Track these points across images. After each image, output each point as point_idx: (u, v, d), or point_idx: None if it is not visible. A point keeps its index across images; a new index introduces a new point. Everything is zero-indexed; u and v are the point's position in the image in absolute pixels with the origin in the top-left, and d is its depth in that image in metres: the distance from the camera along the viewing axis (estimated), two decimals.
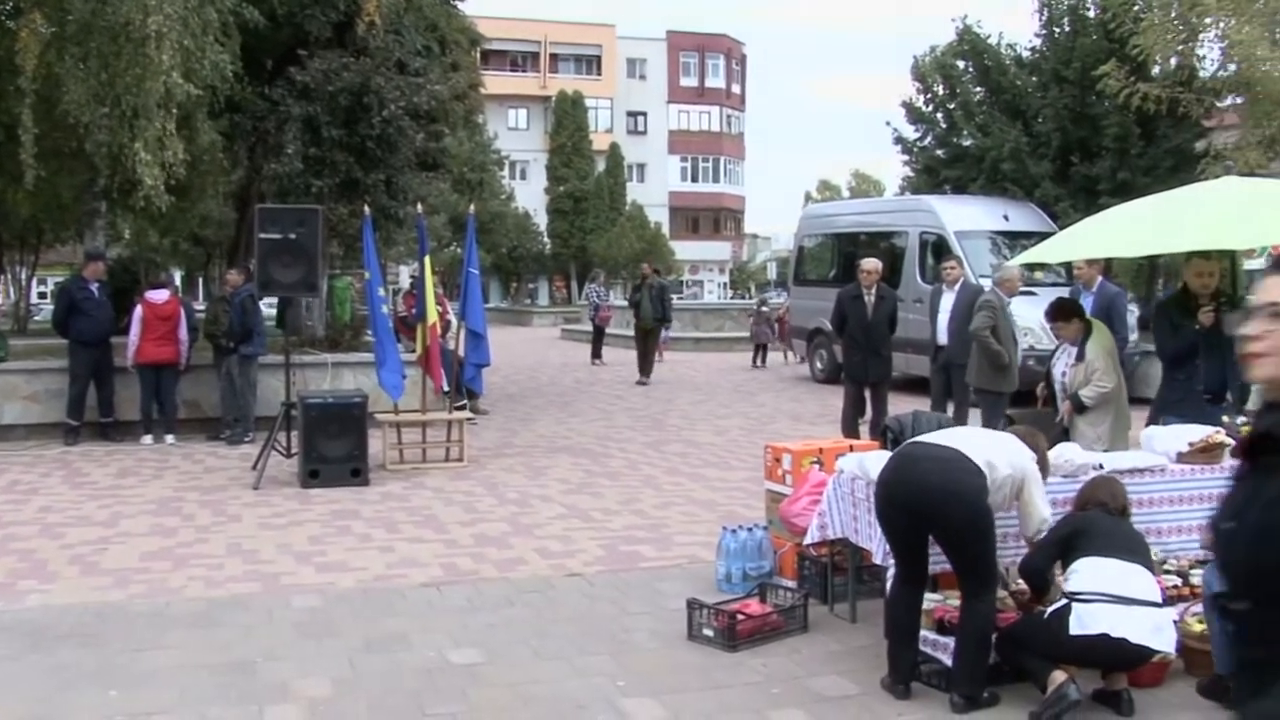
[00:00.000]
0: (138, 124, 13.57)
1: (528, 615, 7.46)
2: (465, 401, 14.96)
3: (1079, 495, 6.30)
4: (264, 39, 17.07)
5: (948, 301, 13.47)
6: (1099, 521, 5.99)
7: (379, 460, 12.85)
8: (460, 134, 32.87)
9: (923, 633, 6.14)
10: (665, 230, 66.94)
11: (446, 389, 13.74)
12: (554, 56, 72.77)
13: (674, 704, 5.89)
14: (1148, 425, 8.32)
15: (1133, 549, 5.88)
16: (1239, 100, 21.15)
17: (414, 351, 13.97)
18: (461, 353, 14.16)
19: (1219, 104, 22.06)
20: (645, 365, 22.90)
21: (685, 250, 69.12)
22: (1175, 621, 6.15)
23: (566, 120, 66.71)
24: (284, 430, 12.59)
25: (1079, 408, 9.04)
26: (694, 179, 75.40)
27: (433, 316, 13.31)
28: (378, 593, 8.01)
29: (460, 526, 10.11)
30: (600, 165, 66.80)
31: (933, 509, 5.76)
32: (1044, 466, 6.24)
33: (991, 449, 5.99)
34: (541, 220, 65.73)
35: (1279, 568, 2.56)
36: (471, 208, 15.25)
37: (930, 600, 6.38)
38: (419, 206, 15.22)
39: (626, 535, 9.77)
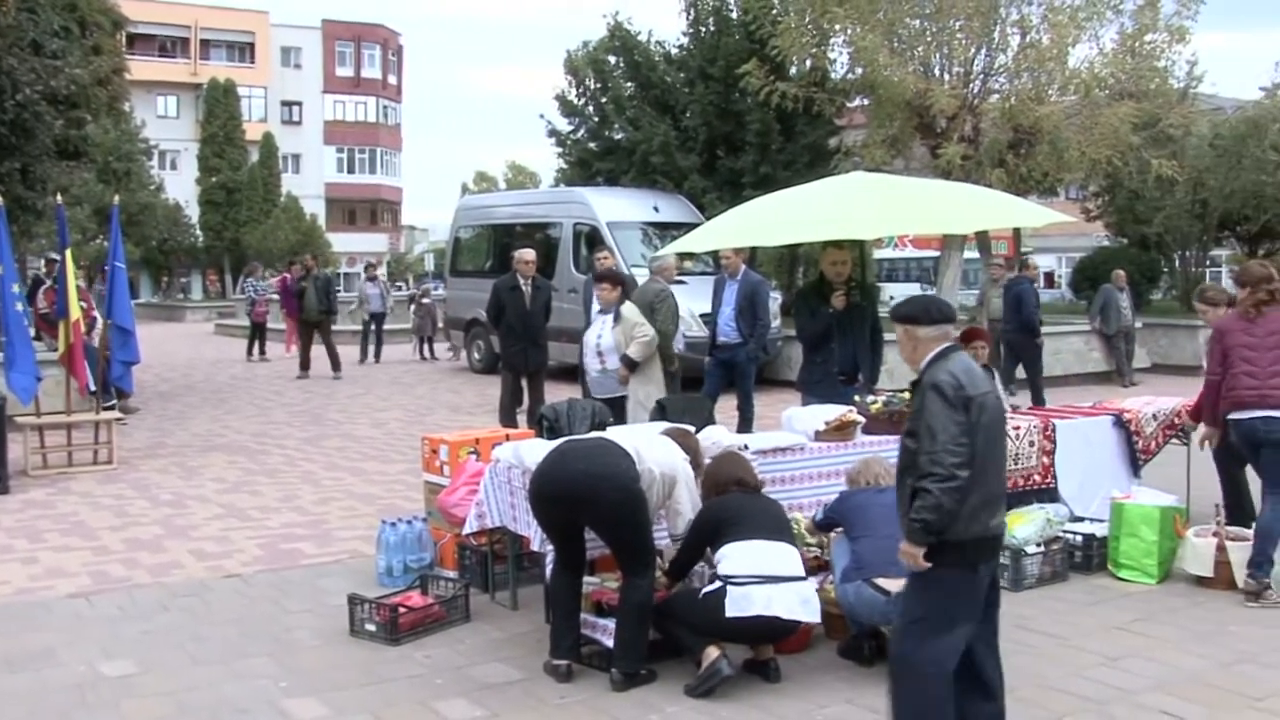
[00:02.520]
0: None
1: (184, 620, 7.19)
2: (114, 401, 14.23)
3: (709, 476, 6.48)
4: None
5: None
6: (739, 505, 6.20)
7: (20, 466, 12.07)
8: (104, 121, 30.99)
9: (582, 615, 6.26)
10: (321, 222, 65.40)
11: (93, 389, 13.02)
12: (205, 43, 69.79)
13: (337, 701, 5.80)
14: (803, 405, 8.70)
15: (775, 527, 6.16)
16: (865, 101, 22.46)
17: (57, 350, 13.15)
18: (108, 350, 13.43)
19: (849, 104, 23.37)
20: (307, 359, 22.32)
21: (342, 242, 67.68)
22: (815, 590, 6.50)
23: (218, 109, 64.09)
24: None
25: (631, 366, 9.65)
26: (350, 170, 73.95)
27: (75, 313, 12.59)
28: (19, 607, 7.53)
29: (110, 532, 9.62)
30: (254, 156, 64.55)
31: (583, 496, 5.86)
32: (698, 466, 6.47)
33: (641, 443, 6.17)
34: (193, 212, 62.94)
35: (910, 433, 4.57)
36: (116, 198, 14.50)
37: (588, 583, 6.52)
38: (59, 197, 14.33)
39: (286, 533, 9.54)
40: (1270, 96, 25.76)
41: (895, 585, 5.86)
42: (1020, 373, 17.12)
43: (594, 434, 6.57)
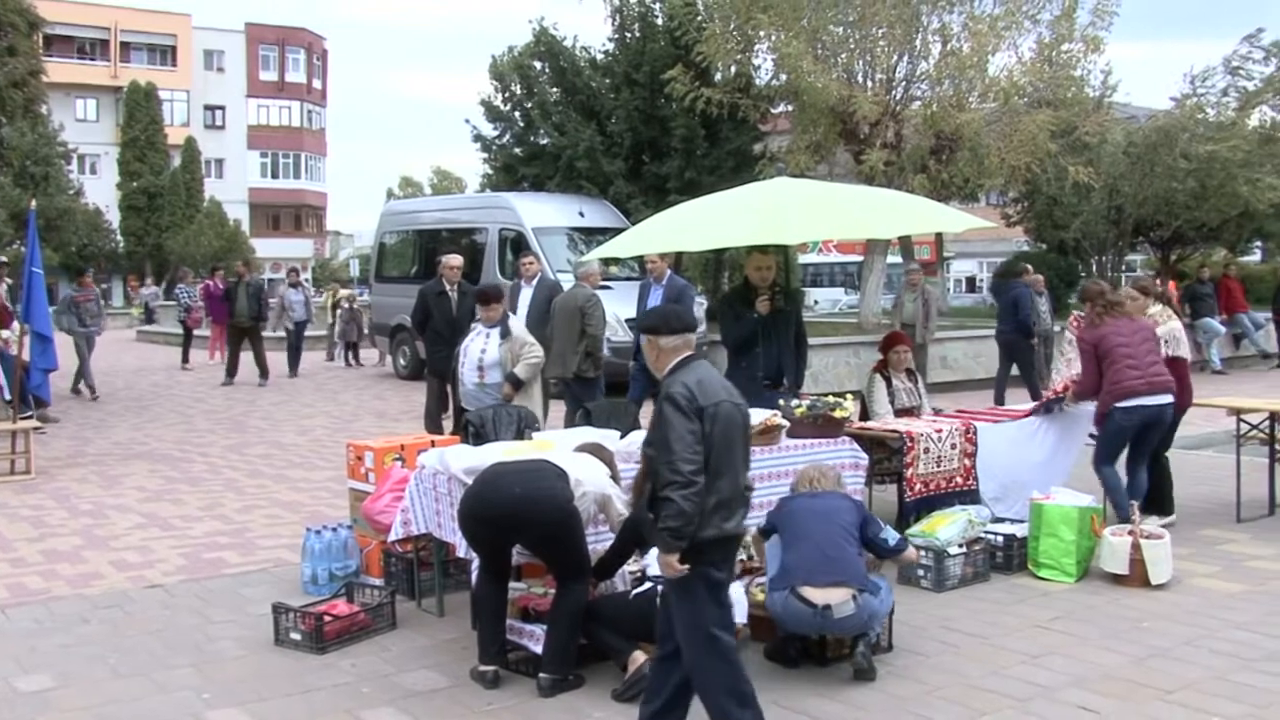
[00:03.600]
0: None
1: (104, 632, 7.06)
2: (31, 410, 13.95)
3: (639, 479, 6.49)
4: None
5: (526, 296, 13.66)
6: None
7: None
8: (21, 124, 30.40)
9: (509, 621, 6.25)
10: (245, 227, 64.69)
11: (9, 397, 12.76)
12: (125, 45, 68.74)
13: (261, 712, 5.73)
14: None
15: None
16: (790, 107, 22.64)
17: None
18: (26, 357, 13.17)
19: (773, 110, 23.54)
20: (234, 365, 22.02)
21: (266, 248, 66.92)
22: (742, 592, 6.53)
23: (139, 112, 63.17)
24: None
25: (517, 385, 9.58)
26: (275, 175, 73.20)
27: None
28: None
29: (28, 543, 9.43)
30: (176, 160, 63.71)
31: (519, 519, 5.88)
32: (616, 477, 6.49)
33: (575, 466, 6.19)
34: (114, 217, 62.01)
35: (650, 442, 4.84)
36: (34, 203, 14.22)
37: (514, 589, 6.50)
38: None
39: (209, 542, 9.41)
40: (1180, 106, 26.24)
41: (821, 596, 5.90)
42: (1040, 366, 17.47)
43: (526, 452, 6.53)
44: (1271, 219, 27.81)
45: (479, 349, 9.81)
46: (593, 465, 6.34)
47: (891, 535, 6.57)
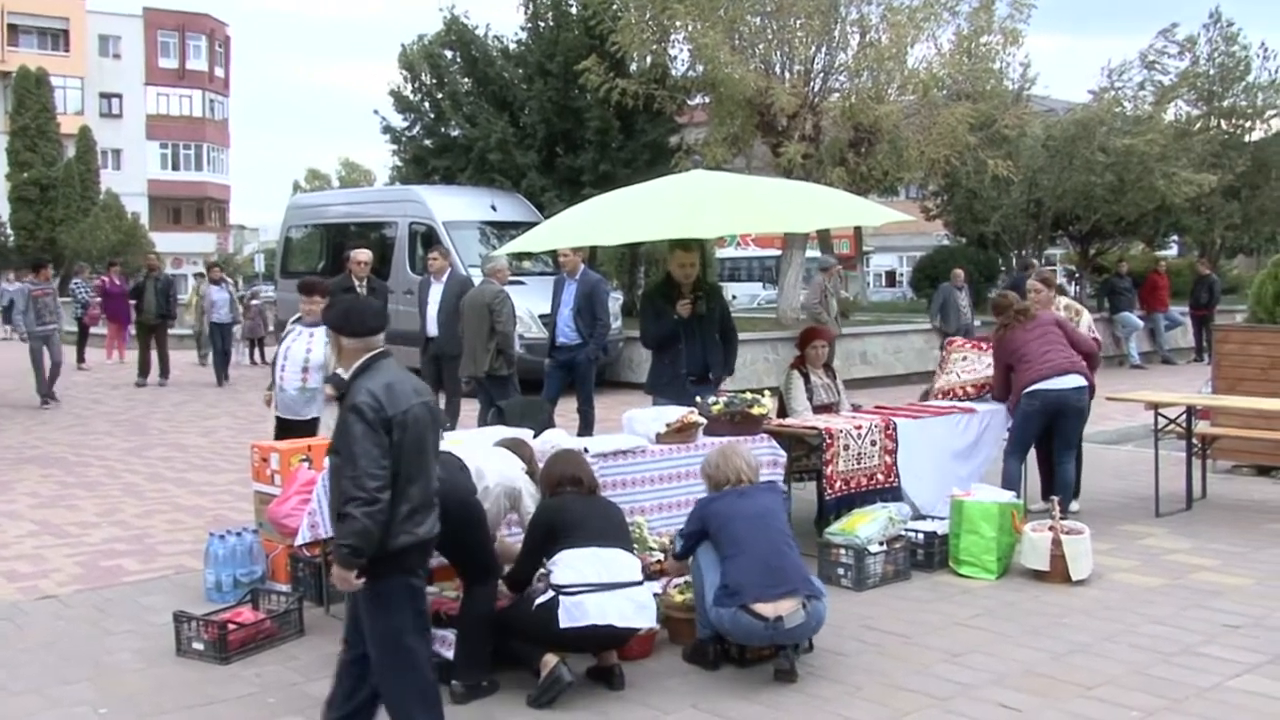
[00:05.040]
0: None
1: None
2: None
3: (543, 476, 6.48)
4: None
5: (436, 292, 13.57)
6: (574, 509, 6.19)
7: None
8: None
9: None
10: (145, 221, 63.59)
11: None
12: (13, 28, 67.16)
13: None
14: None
15: (611, 532, 6.16)
16: (706, 99, 22.74)
17: None
18: None
19: (689, 102, 23.62)
20: (146, 364, 21.63)
21: (167, 242, 65.72)
22: (657, 595, 6.54)
23: (29, 100, 61.73)
24: None
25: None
26: (175, 166, 71.99)
27: None
28: None
29: None
30: (70, 150, 62.46)
31: None
32: (533, 474, 6.47)
33: (482, 459, 6.16)
34: (3, 210, 60.70)
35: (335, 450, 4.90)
36: None
37: (426, 592, 6.44)
38: None
39: (106, 549, 9.25)
40: (1098, 100, 26.68)
41: (772, 610, 5.90)
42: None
43: None
44: (1187, 213, 28.36)
45: (303, 349, 9.22)
46: (502, 458, 6.32)
47: None
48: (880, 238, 55.27)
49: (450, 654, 6.02)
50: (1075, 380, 9.20)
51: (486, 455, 6.26)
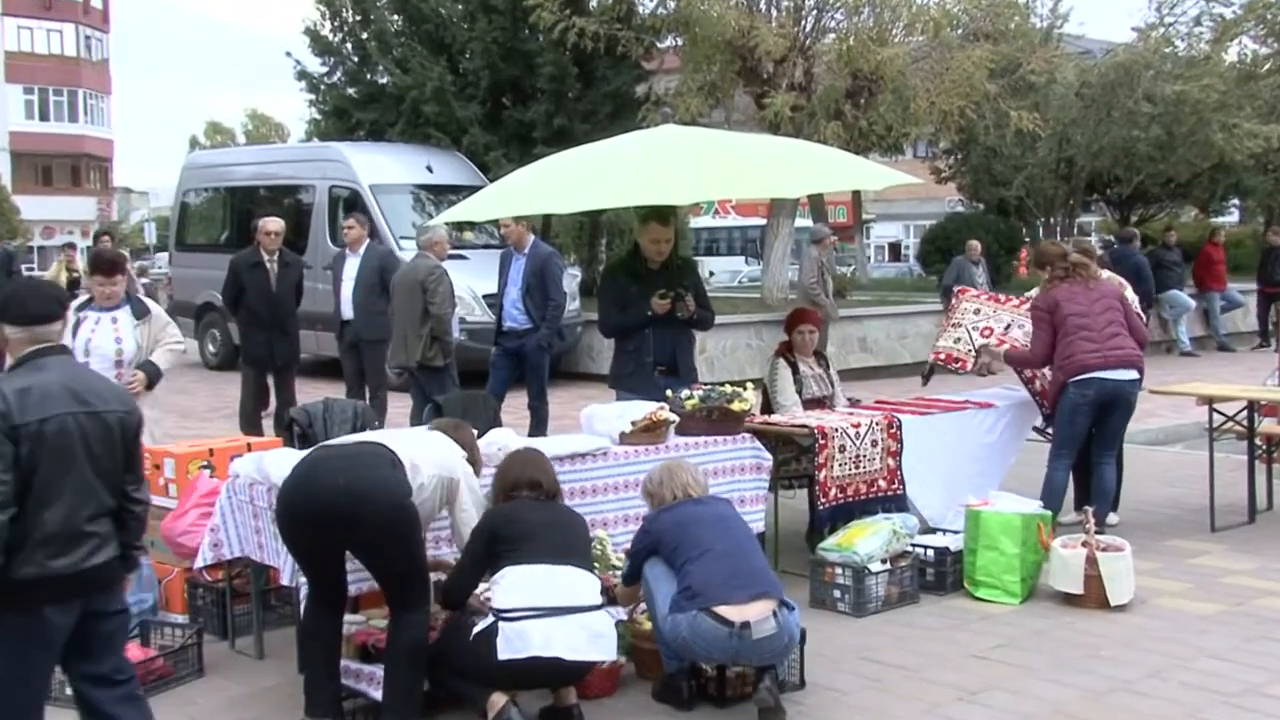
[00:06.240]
0: None
1: None
2: None
3: (497, 478, 6.50)
4: None
5: (352, 267, 13.49)
6: (527, 517, 6.18)
7: None
8: None
9: (344, 662, 6.20)
10: (7, 181, 62.95)
11: None
12: None
13: None
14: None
15: (566, 547, 6.14)
16: (679, 42, 22.67)
17: None
18: None
19: (659, 45, 23.54)
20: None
21: (35, 208, 64.94)
22: (622, 622, 6.55)
23: None
24: None
25: (156, 376, 8.92)
26: (44, 116, 71.04)
27: None
28: None
29: None
30: None
31: (342, 515, 5.75)
32: (475, 462, 6.45)
33: (414, 447, 6.12)
34: None
35: None
36: None
37: (351, 623, 6.45)
38: None
39: None
40: (1144, 39, 26.33)
41: (738, 613, 5.89)
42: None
43: (354, 437, 6.51)
44: (1251, 172, 28.14)
45: (110, 340, 8.76)
46: (439, 445, 6.25)
47: None
48: (883, 204, 55.47)
49: (378, 694, 6.00)
50: (1132, 374, 9.17)
51: (418, 444, 6.19)
